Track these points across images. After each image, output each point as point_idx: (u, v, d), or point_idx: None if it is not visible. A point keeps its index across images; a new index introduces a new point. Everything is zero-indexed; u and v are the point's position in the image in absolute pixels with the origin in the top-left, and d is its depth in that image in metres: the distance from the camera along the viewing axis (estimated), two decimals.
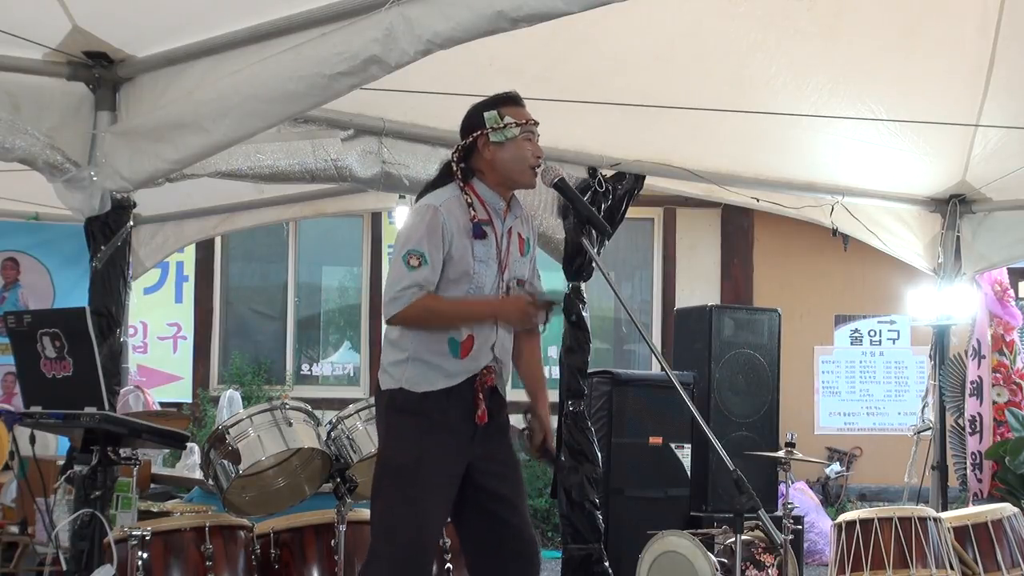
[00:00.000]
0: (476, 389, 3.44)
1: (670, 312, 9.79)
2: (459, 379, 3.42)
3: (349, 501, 4.15)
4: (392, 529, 3.36)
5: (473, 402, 3.44)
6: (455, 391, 3.42)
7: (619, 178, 5.86)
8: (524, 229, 3.61)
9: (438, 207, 3.41)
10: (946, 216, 6.74)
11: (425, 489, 3.36)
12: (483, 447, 3.48)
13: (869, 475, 10.30)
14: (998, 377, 7.87)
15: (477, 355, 3.45)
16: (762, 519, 3.34)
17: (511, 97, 3.51)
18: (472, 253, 3.41)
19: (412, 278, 3.32)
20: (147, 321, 10.53)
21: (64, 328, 3.67)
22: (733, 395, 6.77)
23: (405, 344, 3.44)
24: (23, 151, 4.29)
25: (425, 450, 3.37)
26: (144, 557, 3.93)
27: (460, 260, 3.40)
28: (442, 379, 3.41)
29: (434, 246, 3.36)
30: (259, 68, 3.90)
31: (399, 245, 3.41)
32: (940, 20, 4.96)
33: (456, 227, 3.40)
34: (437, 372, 3.41)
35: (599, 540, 5.72)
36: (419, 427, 3.39)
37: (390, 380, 3.45)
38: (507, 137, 3.44)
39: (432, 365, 3.41)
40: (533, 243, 3.66)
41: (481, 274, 3.44)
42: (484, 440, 3.48)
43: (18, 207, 7.34)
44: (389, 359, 3.47)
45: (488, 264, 3.45)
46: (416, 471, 3.36)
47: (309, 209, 6.75)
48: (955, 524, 5.21)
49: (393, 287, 3.35)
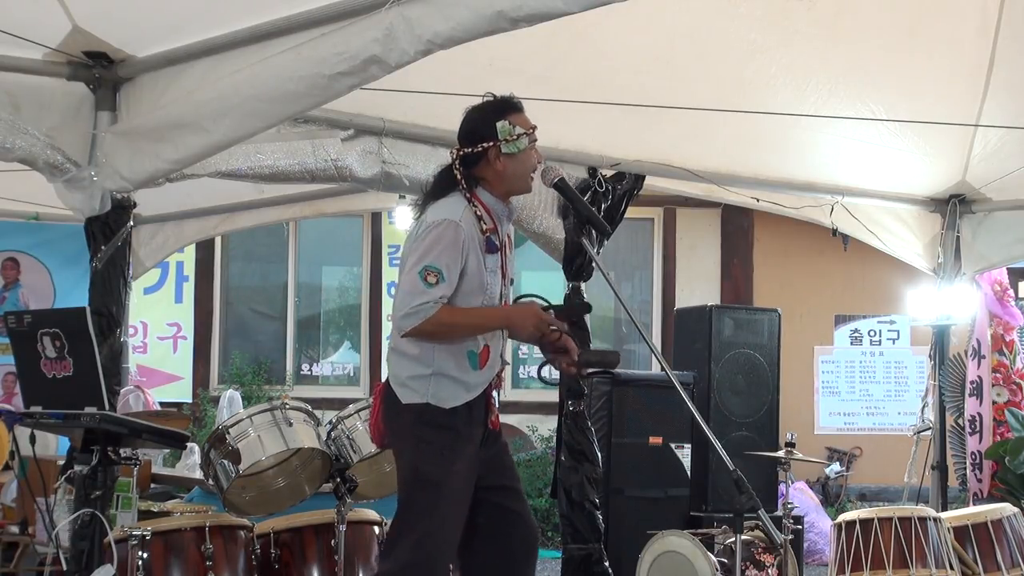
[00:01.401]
0: (488, 395, 3.52)
1: (670, 312, 9.80)
2: (479, 391, 3.48)
3: (349, 501, 4.15)
4: (421, 541, 3.40)
5: (488, 408, 3.52)
6: (474, 403, 3.48)
7: (619, 178, 5.86)
8: (510, 228, 3.65)
9: (459, 223, 3.39)
10: (946, 216, 6.74)
11: (453, 503, 3.43)
12: (491, 451, 3.57)
13: (869, 475, 10.30)
14: (998, 377, 7.87)
15: (492, 364, 3.52)
16: (762, 519, 3.35)
17: (515, 104, 3.51)
18: (485, 265, 3.44)
19: (430, 294, 3.31)
20: (147, 321, 10.54)
21: (64, 328, 3.67)
22: (733, 395, 6.77)
23: (427, 359, 3.43)
24: (23, 151, 4.29)
25: (455, 465, 3.42)
26: (144, 557, 3.93)
27: (475, 274, 3.42)
28: (465, 393, 3.46)
29: (453, 261, 3.36)
30: (259, 68, 3.90)
31: (415, 257, 3.37)
32: (940, 20, 4.96)
33: (472, 242, 3.41)
34: (461, 387, 3.45)
35: (599, 540, 5.72)
36: (449, 442, 3.43)
37: (413, 395, 3.45)
38: (519, 148, 3.45)
39: (457, 380, 3.44)
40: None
41: (492, 285, 3.48)
42: (492, 444, 3.58)
43: (18, 207, 7.33)
44: (408, 373, 3.46)
45: (496, 273, 3.49)
46: (448, 485, 3.41)
47: (309, 209, 6.75)
48: (955, 524, 5.21)
49: (409, 302, 3.33)
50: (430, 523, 3.39)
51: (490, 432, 3.55)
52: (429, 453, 3.44)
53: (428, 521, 3.40)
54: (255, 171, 4.95)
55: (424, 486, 3.43)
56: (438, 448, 3.43)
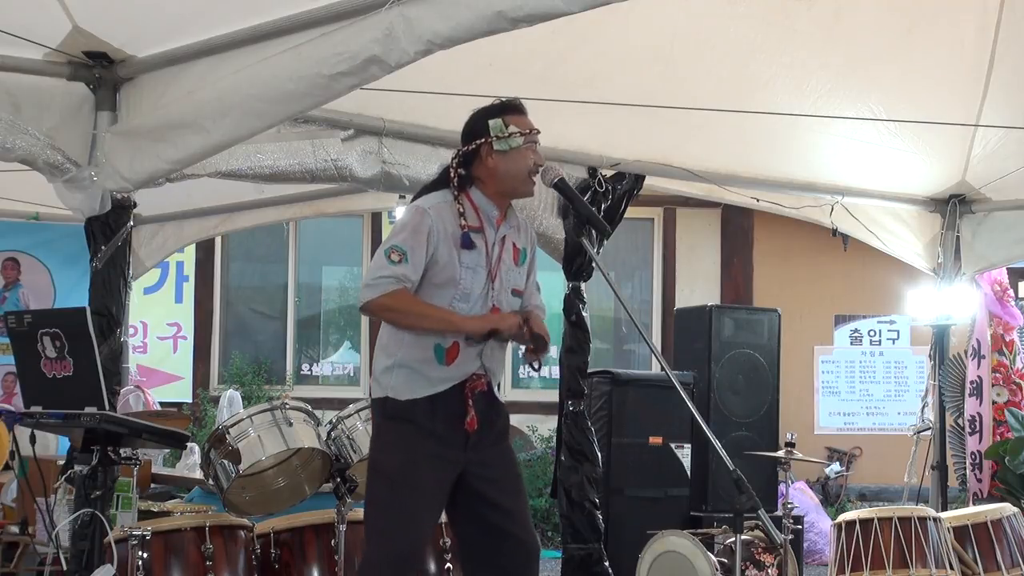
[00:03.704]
0: (466, 395, 3.43)
1: (670, 312, 9.80)
2: (443, 386, 3.42)
3: (349, 501, 4.15)
4: (382, 533, 3.39)
5: (463, 408, 3.43)
6: (440, 398, 3.41)
7: (619, 178, 5.86)
8: (520, 239, 3.58)
9: (427, 209, 3.42)
10: (946, 216, 6.74)
11: (413, 494, 3.37)
12: (478, 453, 3.47)
13: (869, 475, 10.30)
14: (998, 377, 7.87)
15: (463, 363, 3.43)
16: (762, 519, 3.34)
17: (515, 105, 3.50)
18: (459, 260, 3.41)
19: (391, 270, 3.34)
20: (147, 321, 10.53)
21: (64, 328, 3.66)
22: (733, 395, 6.78)
23: (392, 349, 3.45)
24: (23, 151, 4.29)
25: (411, 456, 3.38)
26: (144, 557, 3.93)
27: (446, 266, 3.40)
28: (427, 386, 3.41)
29: (418, 244, 3.36)
30: (259, 68, 3.90)
31: (385, 240, 3.45)
32: (940, 20, 4.96)
33: (443, 233, 3.39)
34: (422, 379, 3.41)
35: (599, 540, 5.73)
36: (406, 434, 3.40)
37: (379, 389, 3.47)
38: (511, 146, 3.43)
39: (417, 372, 3.41)
40: (531, 254, 3.63)
41: (467, 280, 3.42)
42: (478, 446, 3.47)
43: (18, 207, 7.33)
44: (379, 366, 3.49)
45: (476, 271, 3.44)
46: (404, 476, 3.38)
47: (309, 209, 6.75)
48: (955, 524, 5.21)
49: (370, 275, 3.38)
50: (386, 520, 3.37)
51: (474, 436, 3.44)
52: (383, 444, 3.46)
53: (385, 518, 3.38)
54: (255, 171, 4.95)
55: (379, 479, 3.43)
56: (393, 440, 3.42)
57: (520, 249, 3.58)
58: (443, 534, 4.22)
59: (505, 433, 3.59)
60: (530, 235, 3.66)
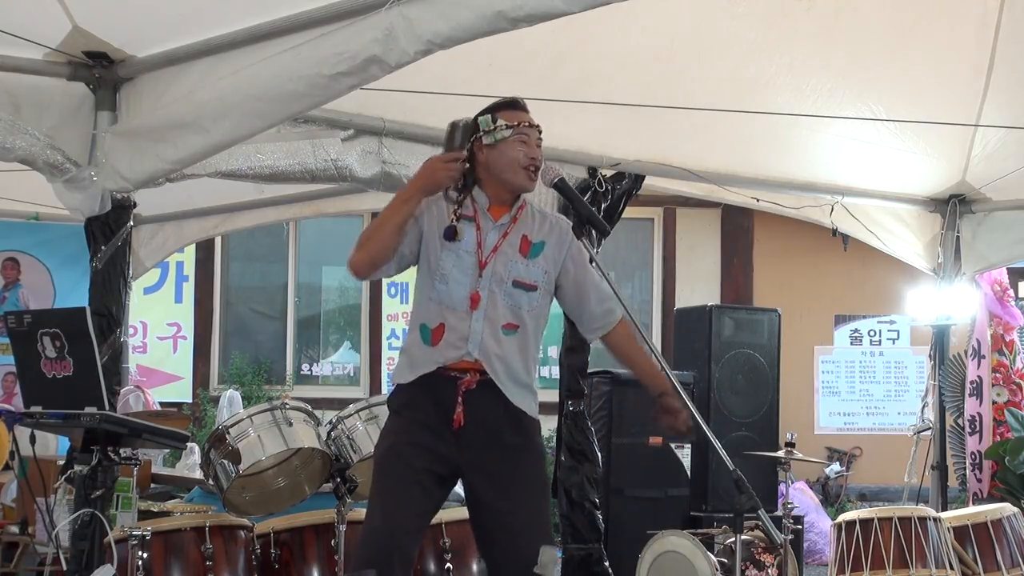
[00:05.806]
0: (458, 388, 3.37)
1: (670, 312, 9.79)
2: (426, 368, 3.38)
3: (349, 501, 4.15)
4: (367, 516, 3.42)
5: (452, 400, 3.36)
6: (422, 382, 3.39)
7: (619, 178, 5.86)
8: (536, 233, 3.52)
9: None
10: (946, 216, 6.74)
11: (392, 477, 3.37)
12: (476, 455, 3.39)
13: (869, 475, 10.30)
14: (998, 377, 7.87)
15: (448, 346, 3.39)
16: (762, 519, 3.34)
17: (509, 102, 3.50)
18: (440, 246, 3.42)
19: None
20: (147, 321, 10.53)
21: (64, 328, 3.66)
22: (733, 395, 6.78)
23: (404, 342, 3.52)
24: (23, 151, 4.29)
25: (395, 442, 3.41)
26: (144, 557, 3.93)
27: (429, 245, 3.43)
28: (416, 368, 3.41)
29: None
30: (259, 68, 3.90)
31: None
32: (940, 20, 4.96)
33: (431, 214, 3.44)
34: (413, 362, 3.43)
35: (599, 540, 5.73)
36: (398, 423, 3.45)
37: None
38: (497, 139, 3.42)
39: (410, 355, 3.44)
40: (554, 250, 3.53)
41: (447, 263, 3.41)
42: (475, 448, 3.38)
43: (18, 207, 7.33)
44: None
45: (460, 255, 3.41)
46: (385, 460, 3.41)
47: (309, 209, 6.75)
48: (955, 524, 5.22)
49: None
50: (374, 499, 3.39)
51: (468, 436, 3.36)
52: (381, 433, 3.58)
53: (373, 498, 3.40)
54: (255, 171, 4.95)
55: (374, 464, 3.50)
56: (387, 428, 3.50)
57: (532, 242, 3.51)
58: (443, 534, 4.22)
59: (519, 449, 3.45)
60: (559, 232, 3.56)
